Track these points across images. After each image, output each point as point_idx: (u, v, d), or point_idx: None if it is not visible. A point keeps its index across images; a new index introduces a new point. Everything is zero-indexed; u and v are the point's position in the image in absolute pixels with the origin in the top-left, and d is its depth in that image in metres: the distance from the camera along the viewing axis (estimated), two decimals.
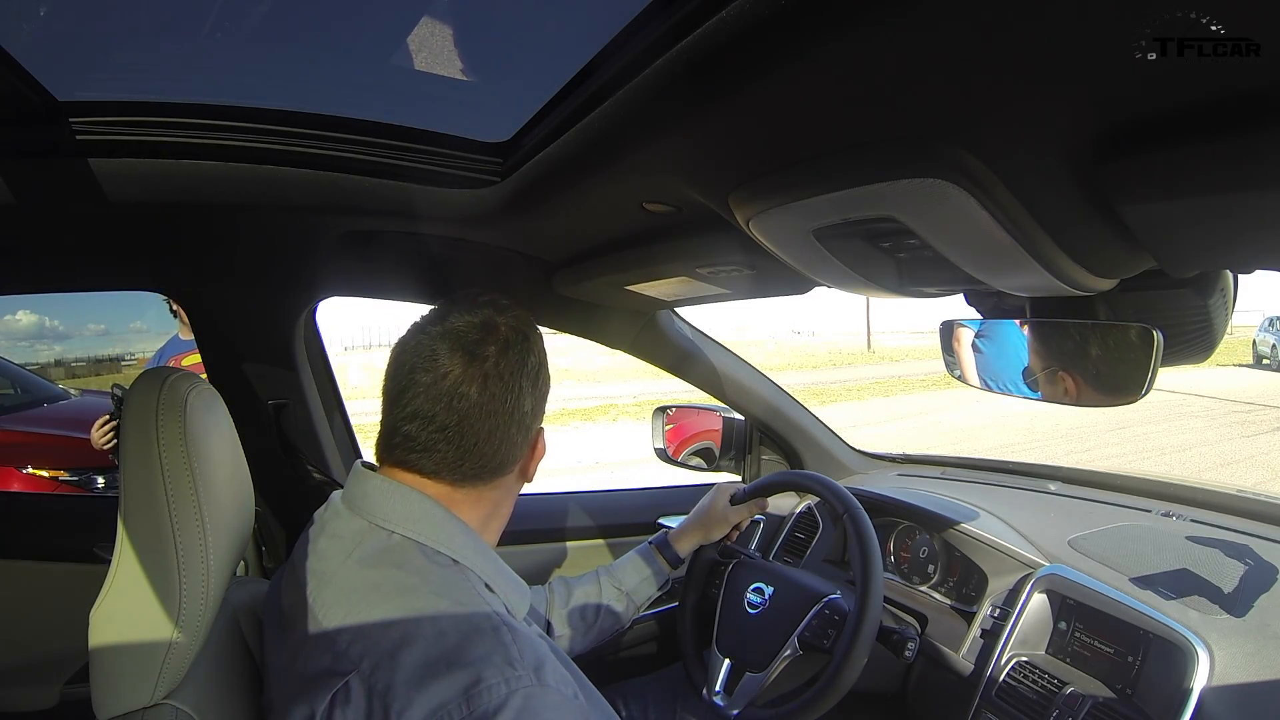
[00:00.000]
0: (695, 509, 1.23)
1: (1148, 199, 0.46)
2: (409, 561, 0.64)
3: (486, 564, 0.70)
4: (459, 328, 0.69)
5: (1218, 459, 6.44)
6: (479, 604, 0.62)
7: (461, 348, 0.68)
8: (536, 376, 0.73)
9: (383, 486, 0.69)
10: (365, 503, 0.68)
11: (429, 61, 0.70)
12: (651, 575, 1.13)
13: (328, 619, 0.61)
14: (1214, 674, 0.82)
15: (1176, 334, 0.68)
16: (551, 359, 0.77)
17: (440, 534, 0.67)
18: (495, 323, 0.71)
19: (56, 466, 2.53)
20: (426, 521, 0.67)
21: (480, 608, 0.62)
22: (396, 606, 0.60)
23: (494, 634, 0.59)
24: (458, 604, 0.62)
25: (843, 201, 0.57)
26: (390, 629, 0.58)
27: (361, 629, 0.59)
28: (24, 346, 6.14)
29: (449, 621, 0.59)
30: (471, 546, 0.69)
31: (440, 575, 0.64)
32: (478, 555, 0.69)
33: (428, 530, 0.67)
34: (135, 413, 0.65)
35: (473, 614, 0.61)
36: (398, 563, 0.64)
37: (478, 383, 0.68)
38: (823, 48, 0.40)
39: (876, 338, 22.07)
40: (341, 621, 0.60)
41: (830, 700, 0.96)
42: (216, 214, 0.94)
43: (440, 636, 0.58)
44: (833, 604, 1.07)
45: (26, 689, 1.43)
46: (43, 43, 0.64)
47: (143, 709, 0.62)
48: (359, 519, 0.67)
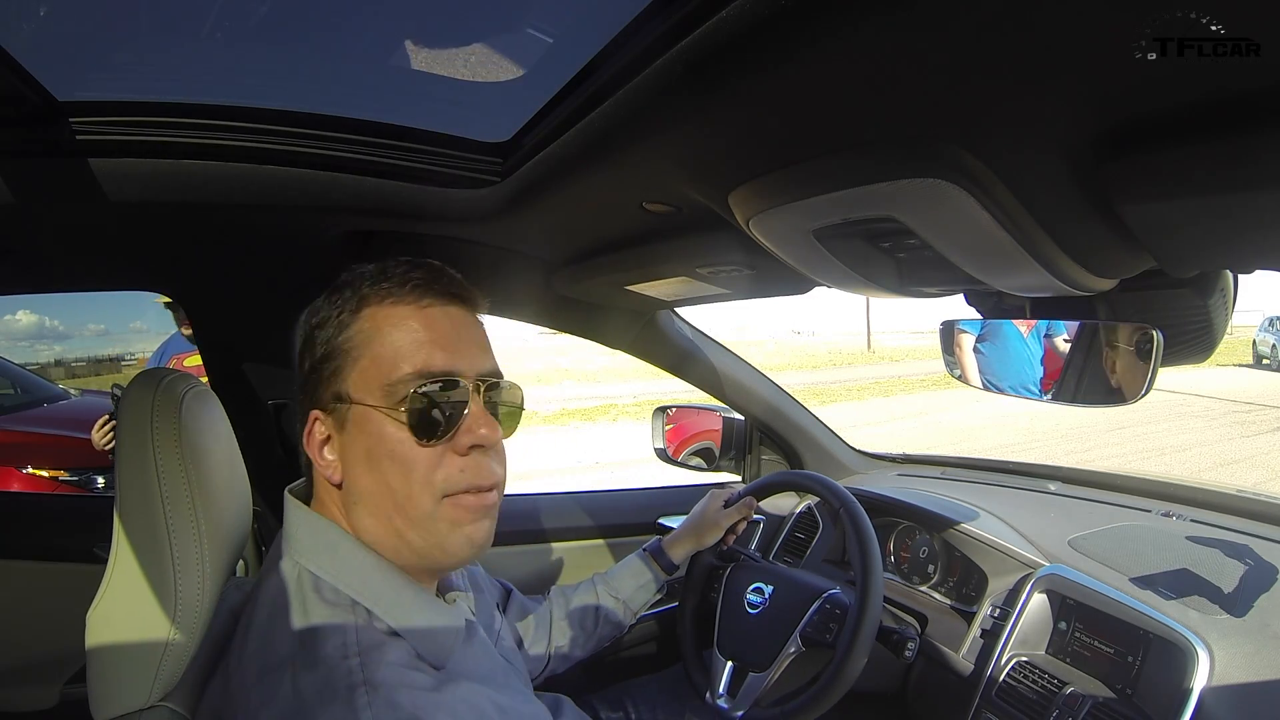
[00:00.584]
0: (689, 515, 1.23)
1: (1148, 199, 0.46)
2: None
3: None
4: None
5: (1218, 459, 6.44)
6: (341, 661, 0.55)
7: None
8: (310, 335, 0.65)
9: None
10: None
11: (429, 61, 0.70)
12: (647, 582, 1.13)
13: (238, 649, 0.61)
14: (1214, 674, 0.82)
15: (1176, 334, 0.68)
16: (551, 359, 0.77)
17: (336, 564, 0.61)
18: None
19: (56, 466, 2.53)
20: (323, 550, 0.62)
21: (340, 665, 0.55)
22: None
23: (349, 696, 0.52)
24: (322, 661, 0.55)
25: (843, 201, 0.57)
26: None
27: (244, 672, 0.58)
28: (24, 346, 6.15)
29: (307, 682, 0.54)
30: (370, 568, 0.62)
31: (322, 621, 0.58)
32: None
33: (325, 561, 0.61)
34: (130, 413, 0.65)
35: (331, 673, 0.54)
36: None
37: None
38: (822, 48, 0.40)
39: (876, 338, 22.07)
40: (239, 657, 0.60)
41: (834, 695, 0.96)
42: (216, 214, 0.93)
43: (298, 698, 0.53)
44: (833, 598, 1.07)
45: (26, 689, 1.43)
46: (43, 43, 0.64)
47: (140, 710, 0.62)
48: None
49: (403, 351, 0.61)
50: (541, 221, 0.97)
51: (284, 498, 0.66)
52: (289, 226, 1.04)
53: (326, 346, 0.63)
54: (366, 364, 0.62)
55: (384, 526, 0.62)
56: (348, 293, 0.64)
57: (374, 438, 0.61)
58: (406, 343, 0.61)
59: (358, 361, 0.62)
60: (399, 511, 0.61)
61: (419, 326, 0.62)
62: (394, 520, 0.61)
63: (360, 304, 0.63)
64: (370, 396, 0.61)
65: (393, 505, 0.61)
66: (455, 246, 1.10)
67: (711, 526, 1.19)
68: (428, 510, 0.61)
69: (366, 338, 0.62)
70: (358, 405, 0.61)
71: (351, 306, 0.63)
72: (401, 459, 0.60)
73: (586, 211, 0.90)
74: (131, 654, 0.62)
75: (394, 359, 0.61)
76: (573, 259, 1.18)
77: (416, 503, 0.60)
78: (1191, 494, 1.26)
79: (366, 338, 0.62)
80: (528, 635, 1.03)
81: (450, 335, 0.63)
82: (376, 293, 0.63)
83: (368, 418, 0.61)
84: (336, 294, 0.65)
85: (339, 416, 0.63)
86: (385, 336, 0.62)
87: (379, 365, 0.61)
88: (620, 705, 1.21)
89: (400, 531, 0.61)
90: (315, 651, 0.55)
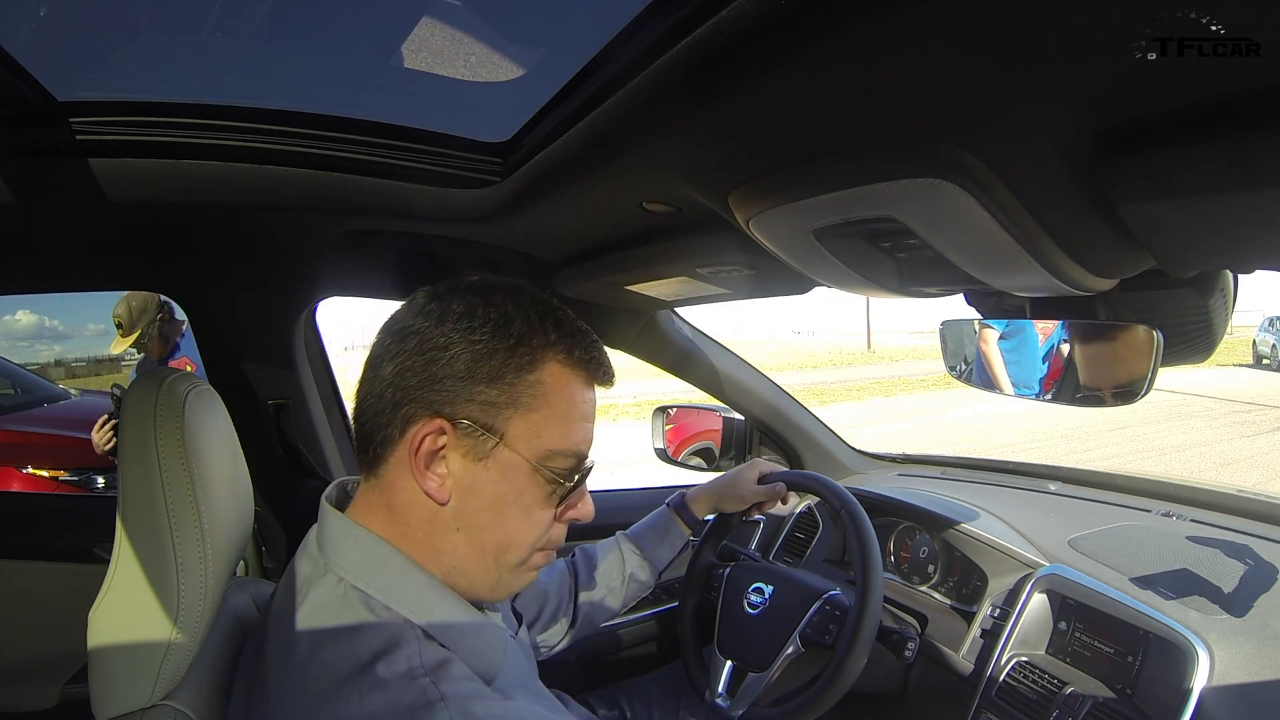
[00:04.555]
0: (722, 474, 1.20)
1: (1148, 199, 0.46)
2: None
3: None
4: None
5: (1218, 459, 6.44)
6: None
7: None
8: (421, 347, 0.60)
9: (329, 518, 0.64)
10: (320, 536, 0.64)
11: (429, 61, 0.70)
12: (673, 539, 1.12)
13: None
14: (1214, 674, 0.82)
15: (1176, 334, 0.68)
16: None
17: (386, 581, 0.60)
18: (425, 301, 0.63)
19: (56, 466, 2.53)
20: (372, 566, 0.61)
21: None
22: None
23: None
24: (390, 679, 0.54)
25: (843, 201, 0.57)
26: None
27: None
28: (24, 346, 6.15)
29: (378, 703, 0.53)
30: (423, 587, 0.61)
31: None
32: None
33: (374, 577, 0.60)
34: (133, 413, 0.65)
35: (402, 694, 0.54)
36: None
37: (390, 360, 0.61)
38: (822, 48, 0.40)
39: (876, 338, 22.07)
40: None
41: (834, 696, 0.96)
42: (216, 214, 0.93)
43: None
44: (834, 599, 1.07)
45: (26, 689, 1.43)
46: (43, 43, 0.64)
47: (141, 709, 0.62)
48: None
49: (573, 426, 0.63)
50: (541, 221, 0.97)
51: (320, 507, 0.65)
52: (289, 226, 1.04)
53: (485, 367, 0.60)
54: (539, 420, 0.61)
55: (478, 561, 0.62)
56: (519, 324, 0.61)
57: (514, 488, 0.61)
58: (577, 418, 0.63)
59: (531, 412, 0.61)
60: (501, 554, 0.63)
61: (588, 406, 0.65)
62: (487, 559, 0.62)
63: (544, 352, 0.61)
64: (528, 450, 0.61)
65: (498, 546, 0.62)
66: (455, 247, 1.10)
67: (735, 496, 1.16)
68: (521, 559, 0.64)
69: (547, 394, 0.61)
70: (511, 451, 0.61)
71: (529, 347, 0.61)
72: (531, 516, 0.63)
73: (586, 211, 0.90)
74: (133, 654, 0.62)
75: (565, 430, 0.62)
76: (573, 259, 1.18)
77: (519, 553, 0.63)
78: (1191, 494, 1.26)
79: (547, 394, 0.61)
80: (547, 607, 1.02)
81: (593, 419, 0.66)
82: (558, 348, 0.62)
83: (516, 467, 0.61)
84: (494, 312, 0.61)
85: (477, 444, 0.60)
86: (564, 402, 0.62)
87: (550, 427, 0.61)
88: (618, 705, 1.21)
89: (489, 569, 0.63)
90: (380, 672, 0.54)
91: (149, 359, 2.26)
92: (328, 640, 0.57)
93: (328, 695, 0.54)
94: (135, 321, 2.16)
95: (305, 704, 0.54)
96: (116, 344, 2.23)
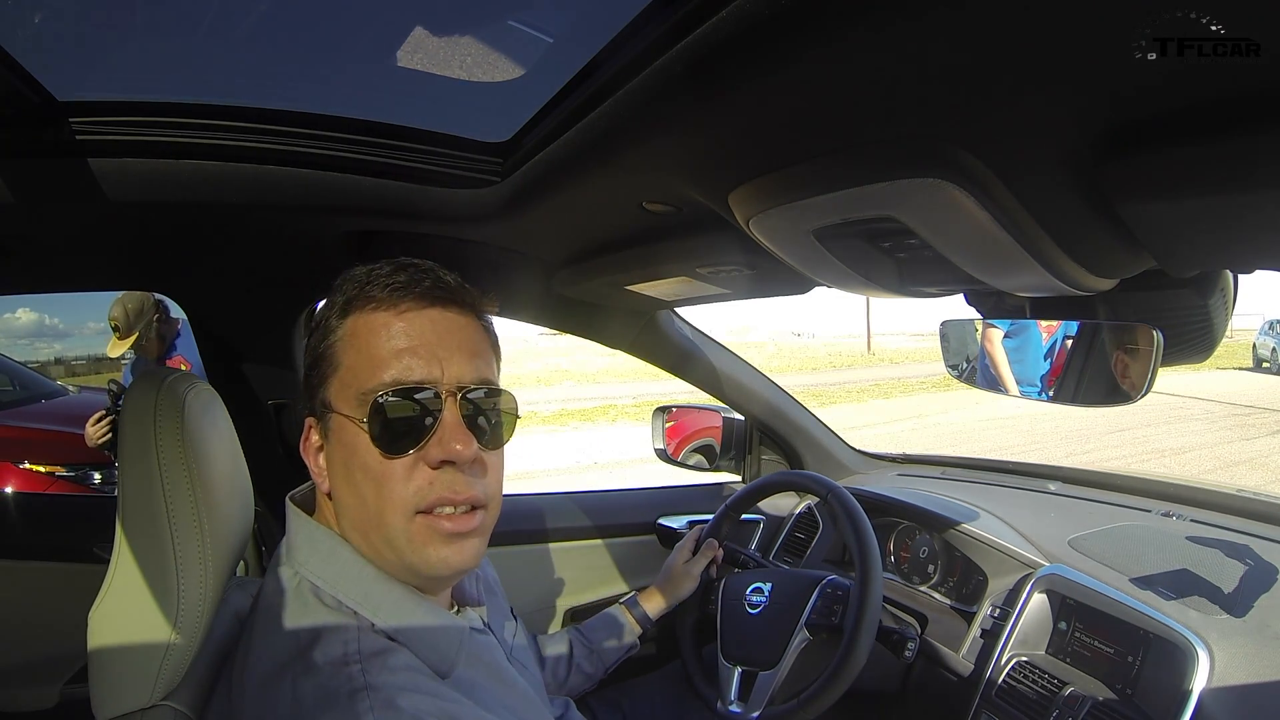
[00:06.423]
0: (660, 570, 1.24)
1: (1148, 199, 0.46)
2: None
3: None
4: None
5: (1218, 461, 6.44)
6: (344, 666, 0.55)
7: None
8: (307, 339, 0.65)
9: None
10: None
11: (429, 61, 0.70)
12: (620, 634, 1.13)
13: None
14: (1214, 674, 0.82)
15: (1176, 334, 0.67)
16: (551, 359, 0.76)
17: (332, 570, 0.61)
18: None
19: (53, 462, 2.53)
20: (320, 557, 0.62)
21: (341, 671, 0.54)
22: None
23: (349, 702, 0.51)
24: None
25: (843, 201, 0.57)
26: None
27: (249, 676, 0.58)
28: (24, 344, 6.14)
29: (306, 688, 0.53)
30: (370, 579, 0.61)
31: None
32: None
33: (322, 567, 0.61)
34: (133, 414, 0.65)
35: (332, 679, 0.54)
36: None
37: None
38: (822, 48, 0.40)
39: (876, 340, 22.04)
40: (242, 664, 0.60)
41: (845, 679, 0.97)
42: (216, 214, 0.93)
43: (297, 704, 0.53)
44: (834, 582, 1.08)
45: (26, 689, 1.43)
46: (43, 43, 0.64)
47: (141, 710, 0.62)
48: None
49: (377, 359, 0.59)
50: (542, 221, 0.97)
51: (285, 504, 0.66)
52: (289, 226, 1.04)
53: (314, 352, 0.63)
54: (344, 372, 0.61)
55: (364, 540, 0.61)
56: (337, 297, 0.63)
57: (349, 449, 0.59)
58: (382, 350, 0.59)
59: (338, 369, 0.61)
60: (374, 527, 0.59)
61: (396, 333, 0.60)
62: (370, 535, 0.60)
63: (345, 309, 0.62)
64: (346, 405, 0.60)
65: (367, 520, 0.59)
66: (455, 247, 1.10)
67: (684, 578, 1.21)
68: (400, 527, 0.58)
69: (346, 345, 0.61)
70: (336, 414, 0.60)
71: (337, 312, 0.63)
72: (371, 472, 0.58)
73: (586, 211, 0.90)
74: (133, 654, 0.62)
75: (369, 367, 0.59)
76: (573, 259, 1.18)
77: (387, 519, 0.58)
78: (1191, 494, 1.26)
79: (346, 345, 0.61)
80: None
81: (429, 342, 0.60)
82: (360, 298, 0.62)
83: (344, 428, 0.60)
84: (329, 298, 0.65)
85: (325, 425, 0.62)
86: (363, 343, 0.60)
87: (355, 374, 0.60)
88: (618, 705, 1.21)
89: (377, 547, 0.60)
90: (315, 658, 0.54)
91: (144, 359, 2.26)
92: (275, 628, 0.58)
93: (269, 680, 0.55)
94: (133, 324, 2.16)
95: (252, 690, 0.56)
96: (113, 346, 2.22)
